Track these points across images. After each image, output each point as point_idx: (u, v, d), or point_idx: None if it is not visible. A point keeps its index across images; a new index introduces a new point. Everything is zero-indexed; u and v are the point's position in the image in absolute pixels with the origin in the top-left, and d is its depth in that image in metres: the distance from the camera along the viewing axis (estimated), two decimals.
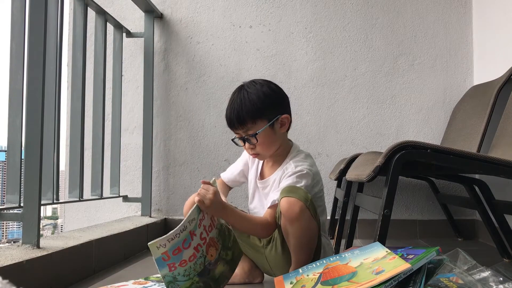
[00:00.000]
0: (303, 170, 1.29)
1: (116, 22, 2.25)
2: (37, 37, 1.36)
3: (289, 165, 1.33)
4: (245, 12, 2.51)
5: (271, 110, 1.32)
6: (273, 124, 1.32)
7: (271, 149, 1.34)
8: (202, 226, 1.08)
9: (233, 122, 1.31)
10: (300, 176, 1.28)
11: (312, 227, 1.23)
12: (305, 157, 1.36)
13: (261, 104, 1.30)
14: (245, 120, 1.29)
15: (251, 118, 1.29)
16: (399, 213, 2.41)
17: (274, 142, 1.33)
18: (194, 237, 1.04)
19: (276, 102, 1.34)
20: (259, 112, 1.29)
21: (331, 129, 2.45)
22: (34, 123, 1.34)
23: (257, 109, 1.29)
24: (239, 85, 1.36)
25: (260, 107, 1.29)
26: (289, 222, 1.20)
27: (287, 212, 1.19)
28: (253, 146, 1.32)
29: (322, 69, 2.48)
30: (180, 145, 2.48)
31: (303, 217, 1.19)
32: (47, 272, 1.28)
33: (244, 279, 1.41)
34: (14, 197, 1.38)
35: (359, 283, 0.92)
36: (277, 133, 1.33)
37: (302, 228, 1.20)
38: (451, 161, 1.21)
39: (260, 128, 1.29)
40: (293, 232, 1.21)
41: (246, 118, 1.28)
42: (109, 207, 2.47)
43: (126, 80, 2.50)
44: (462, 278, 0.96)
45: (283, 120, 1.34)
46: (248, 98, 1.30)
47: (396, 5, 2.48)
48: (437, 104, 2.44)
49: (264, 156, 1.36)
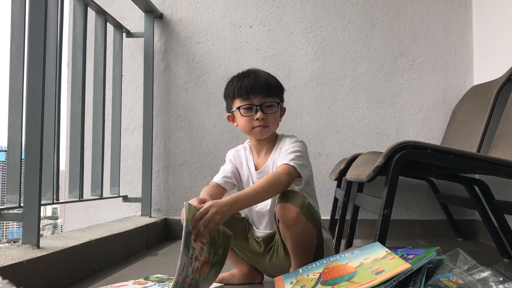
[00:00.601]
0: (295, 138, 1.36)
1: (116, 22, 2.25)
2: (37, 37, 1.36)
3: (283, 141, 1.37)
4: (245, 12, 2.51)
5: (282, 95, 1.40)
6: (280, 106, 1.37)
7: (276, 126, 1.37)
8: (194, 261, 1.03)
9: (257, 87, 1.30)
10: (296, 142, 1.33)
11: (309, 232, 1.23)
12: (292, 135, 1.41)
13: (280, 84, 1.38)
14: (272, 89, 1.33)
15: (277, 89, 1.35)
16: (399, 213, 2.41)
17: (278, 122, 1.38)
18: (186, 279, 1.01)
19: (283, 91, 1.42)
20: (281, 89, 1.37)
21: (331, 129, 2.45)
22: (34, 123, 1.34)
23: (280, 85, 1.37)
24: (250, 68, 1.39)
25: (280, 86, 1.38)
26: (285, 228, 1.21)
27: (282, 218, 1.20)
28: (265, 116, 1.31)
29: (322, 69, 2.48)
30: (180, 145, 2.48)
31: (299, 223, 1.19)
32: (47, 272, 1.28)
33: (243, 280, 1.41)
34: (14, 197, 1.38)
35: (359, 283, 0.92)
36: (279, 117, 1.38)
37: (298, 233, 1.21)
38: (451, 161, 1.21)
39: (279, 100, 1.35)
40: (290, 236, 1.22)
41: (274, 86, 1.33)
42: (109, 207, 2.47)
43: (126, 80, 2.50)
44: (462, 278, 0.96)
45: (283, 109, 1.41)
46: (270, 75, 1.37)
47: (396, 5, 2.48)
48: (437, 104, 2.44)
49: (269, 130, 1.34)
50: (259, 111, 1.30)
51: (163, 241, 2.32)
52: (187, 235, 1.00)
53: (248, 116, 1.32)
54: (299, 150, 1.29)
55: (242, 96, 1.31)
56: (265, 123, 1.31)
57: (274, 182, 1.20)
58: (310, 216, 1.22)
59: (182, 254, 0.98)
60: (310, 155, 1.41)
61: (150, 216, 2.33)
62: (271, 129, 1.35)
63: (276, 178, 1.21)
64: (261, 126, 1.32)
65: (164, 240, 2.34)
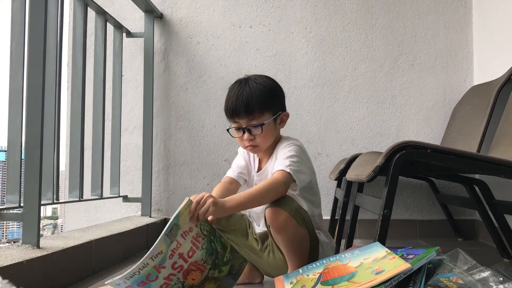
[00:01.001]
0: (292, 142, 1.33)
1: (116, 22, 2.25)
2: (37, 37, 1.36)
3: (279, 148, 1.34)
4: (245, 12, 2.51)
5: (277, 105, 1.34)
6: (276, 118, 1.33)
7: (269, 142, 1.34)
8: (176, 255, 0.99)
9: (239, 110, 1.27)
10: (292, 145, 1.31)
11: (299, 235, 1.23)
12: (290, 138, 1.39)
13: (269, 96, 1.30)
14: (254, 110, 1.27)
15: (260, 108, 1.28)
16: (399, 213, 2.41)
17: (272, 136, 1.34)
18: (162, 269, 0.97)
19: (282, 98, 1.37)
20: (268, 104, 1.29)
21: (331, 129, 2.45)
22: (34, 123, 1.34)
23: (266, 101, 1.29)
24: (243, 77, 1.35)
25: (269, 99, 1.30)
26: (275, 231, 1.22)
27: (271, 222, 1.20)
28: (252, 137, 1.30)
29: (322, 69, 2.48)
30: (180, 145, 2.48)
31: (289, 226, 1.19)
32: (47, 272, 1.28)
33: (243, 280, 1.41)
34: (14, 197, 1.38)
35: (359, 283, 0.92)
36: (277, 128, 1.35)
37: (288, 236, 1.21)
38: (451, 161, 1.21)
39: (266, 119, 1.29)
40: (281, 239, 1.23)
41: (255, 108, 1.27)
42: (109, 207, 2.47)
43: (126, 80, 2.50)
44: (462, 278, 0.96)
45: (284, 117, 1.36)
46: (257, 89, 1.29)
47: (396, 5, 2.48)
48: (437, 104, 2.44)
49: (260, 148, 1.33)
50: (246, 133, 1.30)
51: None
52: (172, 226, 0.98)
53: (238, 137, 1.33)
54: (295, 154, 1.27)
55: (230, 118, 1.32)
56: (253, 143, 1.31)
57: (269, 189, 1.19)
58: (300, 219, 1.22)
59: (160, 240, 0.95)
60: (310, 155, 1.41)
61: (150, 216, 2.33)
62: (261, 147, 1.33)
63: (271, 184, 1.20)
64: (251, 146, 1.32)
65: None
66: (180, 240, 1.00)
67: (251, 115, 1.27)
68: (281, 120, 1.35)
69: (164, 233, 0.97)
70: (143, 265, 0.94)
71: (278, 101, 1.34)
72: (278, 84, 1.38)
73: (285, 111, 1.37)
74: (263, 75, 1.37)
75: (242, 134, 1.31)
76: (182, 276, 1.02)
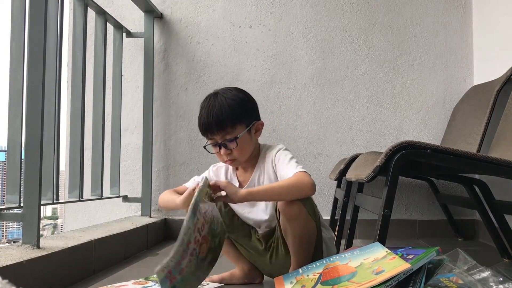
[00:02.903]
0: (279, 147, 1.34)
1: (116, 22, 2.25)
2: (37, 37, 1.36)
3: (267, 156, 1.34)
4: (245, 12, 2.51)
5: (249, 115, 1.33)
6: (250, 129, 1.32)
7: (247, 154, 1.33)
8: (196, 230, 1.04)
9: (211, 126, 1.27)
10: (284, 150, 1.32)
11: (310, 226, 1.24)
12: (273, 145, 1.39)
13: (240, 109, 1.29)
14: (225, 125, 1.26)
15: (231, 123, 1.27)
16: (399, 213, 2.41)
17: (250, 147, 1.33)
18: (190, 245, 1.01)
19: (253, 108, 1.36)
20: (239, 116, 1.29)
21: (331, 129, 2.45)
22: (34, 123, 1.34)
23: (237, 114, 1.28)
24: (213, 92, 1.34)
25: (239, 112, 1.29)
26: (287, 221, 1.22)
27: (284, 211, 1.21)
28: (229, 151, 1.29)
29: (322, 69, 2.48)
30: (180, 145, 2.48)
31: (301, 216, 1.20)
32: (47, 272, 1.28)
33: (243, 280, 1.41)
34: (14, 197, 1.38)
35: (359, 283, 0.92)
36: (253, 138, 1.34)
37: (300, 226, 1.22)
38: (451, 161, 1.21)
39: (239, 132, 1.29)
40: (292, 230, 1.23)
41: (226, 123, 1.27)
42: (109, 207, 2.47)
43: (126, 80, 2.50)
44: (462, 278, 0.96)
45: (258, 126, 1.36)
46: (227, 103, 1.28)
47: (396, 5, 2.48)
48: (437, 104, 2.44)
49: (239, 161, 1.33)
50: (222, 148, 1.30)
51: (163, 241, 2.32)
52: (197, 202, 1.03)
53: (216, 152, 1.33)
54: (292, 157, 1.29)
55: (204, 135, 1.31)
56: (232, 157, 1.31)
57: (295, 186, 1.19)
58: (311, 210, 1.23)
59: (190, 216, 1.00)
60: (310, 155, 1.42)
61: (150, 216, 2.33)
62: (240, 160, 1.32)
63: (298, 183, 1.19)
64: (230, 160, 1.32)
65: (164, 240, 2.34)
66: (198, 215, 1.05)
67: (224, 130, 1.27)
68: (256, 129, 1.35)
69: (191, 211, 1.01)
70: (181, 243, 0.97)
71: (249, 112, 1.34)
72: (248, 94, 1.37)
73: (259, 120, 1.37)
74: (233, 88, 1.36)
75: (219, 150, 1.31)
76: (199, 249, 1.05)
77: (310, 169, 2.38)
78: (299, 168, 1.22)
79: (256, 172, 1.36)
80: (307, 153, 2.42)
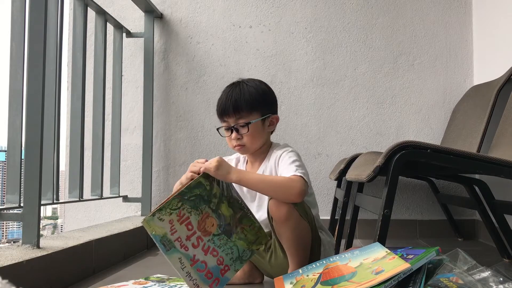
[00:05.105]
0: (287, 148, 1.35)
1: (116, 22, 2.25)
2: (37, 37, 1.36)
3: (273, 154, 1.36)
4: (245, 12, 2.51)
5: (266, 106, 1.36)
6: (265, 120, 1.36)
7: (257, 143, 1.35)
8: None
9: (227, 108, 1.31)
10: (290, 152, 1.32)
11: (302, 227, 1.24)
12: (284, 145, 1.41)
13: (259, 97, 1.34)
14: (242, 108, 1.31)
15: (248, 108, 1.31)
16: (399, 213, 2.41)
17: (260, 137, 1.35)
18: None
19: (272, 101, 1.40)
20: (257, 104, 1.33)
21: (331, 129, 2.45)
22: (34, 123, 1.34)
23: (255, 101, 1.33)
24: (237, 80, 1.39)
25: (258, 99, 1.34)
26: (279, 224, 1.22)
27: (275, 214, 1.21)
28: (240, 136, 1.32)
29: (322, 69, 2.48)
30: (180, 145, 2.48)
31: (292, 218, 1.20)
32: (47, 272, 1.28)
33: (244, 280, 1.41)
34: (14, 197, 1.38)
35: (359, 283, 0.92)
36: (265, 130, 1.37)
37: (292, 228, 1.22)
38: (451, 161, 1.21)
39: (253, 119, 1.32)
40: (284, 232, 1.23)
41: (243, 106, 1.31)
42: (109, 207, 2.47)
43: (126, 80, 2.50)
44: (462, 278, 0.96)
45: (273, 120, 1.39)
46: (247, 90, 1.34)
47: (396, 5, 2.48)
48: (437, 104, 2.44)
49: (248, 149, 1.35)
50: (233, 132, 1.33)
51: None
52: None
53: (227, 136, 1.36)
54: (296, 159, 1.29)
55: (220, 118, 1.35)
56: (241, 143, 1.33)
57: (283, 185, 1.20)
58: (302, 211, 1.23)
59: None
60: (310, 155, 1.42)
61: None
62: (249, 148, 1.34)
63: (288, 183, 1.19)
64: (238, 146, 1.34)
65: None
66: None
67: (239, 113, 1.31)
68: (270, 122, 1.38)
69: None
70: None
71: (267, 104, 1.37)
72: (270, 89, 1.41)
73: (276, 114, 1.40)
74: (257, 80, 1.41)
75: (230, 134, 1.34)
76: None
77: (310, 169, 2.38)
78: (298, 172, 1.22)
79: (261, 168, 1.37)
80: (307, 153, 2.42)
